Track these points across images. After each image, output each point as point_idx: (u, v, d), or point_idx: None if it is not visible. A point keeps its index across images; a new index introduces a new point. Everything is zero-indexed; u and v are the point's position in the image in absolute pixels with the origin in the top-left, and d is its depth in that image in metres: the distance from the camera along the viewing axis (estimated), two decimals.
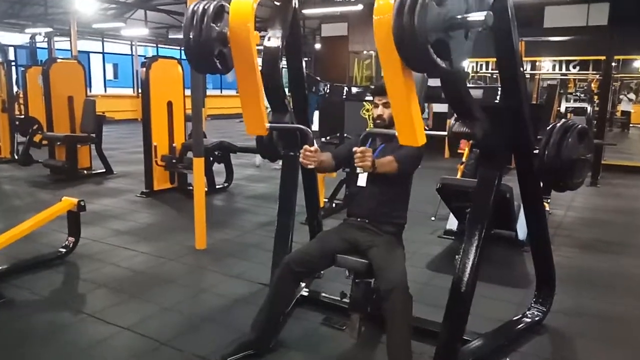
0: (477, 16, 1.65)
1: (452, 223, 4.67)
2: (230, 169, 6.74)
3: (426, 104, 8.39)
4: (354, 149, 2.23)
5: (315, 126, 11.45)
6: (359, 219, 2.60)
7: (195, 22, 2.06)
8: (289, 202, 2.98)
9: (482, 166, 2.50)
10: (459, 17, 1.67)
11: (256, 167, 8.31)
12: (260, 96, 2.27)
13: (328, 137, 5.64)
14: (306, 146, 2.32)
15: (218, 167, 6.97)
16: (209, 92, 8.83)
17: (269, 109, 2.62)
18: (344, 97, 3.25)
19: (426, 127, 8.59)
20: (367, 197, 2.59)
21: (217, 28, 2.09)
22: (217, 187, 6.47)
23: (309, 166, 2.32)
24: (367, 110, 8.63)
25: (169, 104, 6.21)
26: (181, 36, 2.15)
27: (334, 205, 5.60)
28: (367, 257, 2.45)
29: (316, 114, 12.18)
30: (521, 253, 4.24)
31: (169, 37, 17.77)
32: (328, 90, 3.39)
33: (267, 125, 2.37)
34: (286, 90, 2.78)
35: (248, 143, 8.65)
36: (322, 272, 3.41)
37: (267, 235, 4.49)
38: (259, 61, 2.31)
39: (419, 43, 1.63)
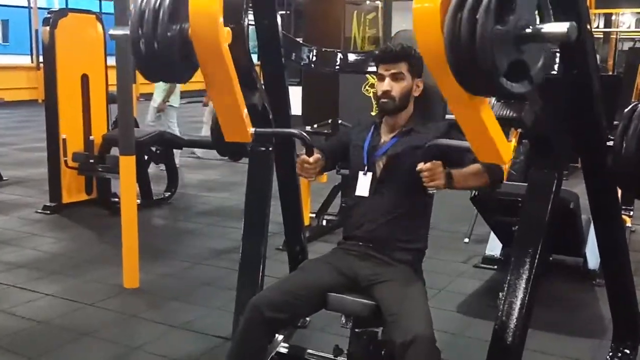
0: (556, 28, 1.70)
1: (494, 247, 4.73)
2: (174, 172, 6.77)
3: None
4: (419, 166, 2.32)
5: (295, 109, 11.50)
6: (360, 243, 2.62)
7: (147, 22, 2.11)
8: (259, 218, 2.98)
9: (534, 165, 2.53)
10: (530, 29, 1.71)
11: (198, 159, 8.32)
12: (237, 94, 2.36)
13: (315, 126, 5.67)
14: (304, 156, 2.43)
15: (157, 170, 7.00)
16: None
17: None
18: (337, 67, 3.29)
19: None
20: (371, 211, 2.60)
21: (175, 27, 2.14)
22: (156, 198, 6.49)
23: (308, 180, 2.42)
24: (372, 86, 8.68)
25: (84, 79, 6.22)
26: None
27: (324, 222, 5.64)
28: (372, 297, 2.46)
29: (298, 91, 12.26)
30: (592, 287, 4.30)
31: None
32: (314, 58, 3.42)
33: (251, 130, 2.46)
34: (255, 58, 2.81)
35: (199, 133, 8.72)
36: (307, 318, 3.43)
37: (227, 267, 4.50)
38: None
39: (487, 74, 1.67)
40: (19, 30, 21.39)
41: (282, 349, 3.10)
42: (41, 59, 6.28)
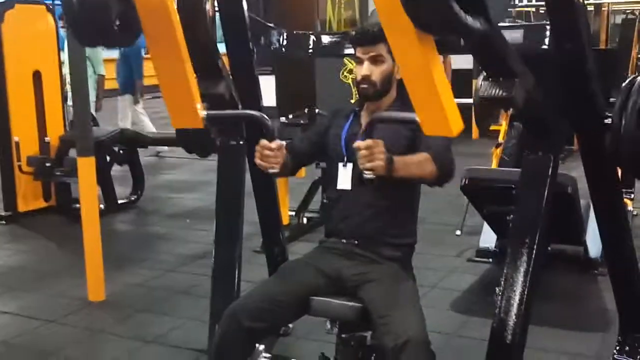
0: None
1: (488, 239, 4.73)
2: (139, 173, 6.71)
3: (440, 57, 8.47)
4: (355, 143, 2.23)
5: (269, 99, 11.44)
6: (344, 241, 2.59)
7: None
8: (232, 219, 2.96)
9: (528, 149, 2.51)
10: None
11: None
12: (186, 71, 2.28)
13: (290, 116, 5.63)
14: (264, 141, 2.32)
15: (121, 171, 6.90)
16: (105, 54, 8.77)
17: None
18: (310, 50, 3.25)
19: None
20: (354, 205, 2.58)
21: None
22: (120, 202, 6.43)
23: (270, 171, 2.34)
24: (351, 72, 8.64)
25: (37, 75, 6.14)
26: None
27: (304, 220, 5.60)
28: (359, 298, 2.44)
29: (271, 80, 12.18)
30: (594, 278, 4.32)
31: None
32: (284, 42, 3.38)
33: (203, 113, 2.36)
34: (220, 46, 2.76)
35: (166, 130, 8.66)
36: (290, 325, 3.39)
37: (201, 274, 4.44)
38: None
39: None
40: None
41: (264, 359, 3.07)
42: None
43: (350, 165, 2.58)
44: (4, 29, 5.89)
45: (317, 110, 5.61)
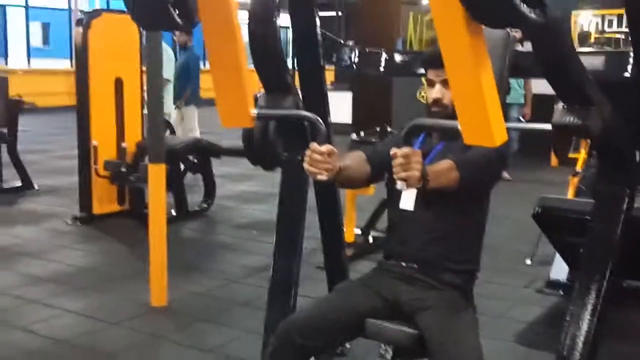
0: None
1: (560, 270, 4.58)
2: (211, 183, 6.81)
3: (518, 81, 8.28)
4: (392, 151, 2.14)
5: (345, 116, 11.49)
6: (403, 264, 2.55)
7: None
8: (292, 233, 2.95)
9: (602, 180, 2.42)
10: None
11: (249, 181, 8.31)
12: (241, 67, 2.25)
13: (362, 133, 5.61)
14: (314, 145, 2.22)
15: (193, 180, 7.03)
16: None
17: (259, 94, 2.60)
18: (382, 69, 3.22)
19: (521, 118, 8.54)
20: (416, 228, 2.53)
21: None
22: (191, 210, 6.52)
23: (319, 177, 2.23)
24: None
25: (118, 83, 6.31)
26: None
27: (370, 239, 5.54)
28: (415, 325, 2.39)
29: (347, 97, 12.24)
30: None
31: None
32: (356, 59, 3.36)
33: (254, 112, 2.34)
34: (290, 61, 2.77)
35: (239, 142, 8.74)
36: (347, 345, 3.35)
37: (263, 286, 4.29)
38: (242, 13, 2.30)
39: None
40: (60, 33, 22.08)
41: None
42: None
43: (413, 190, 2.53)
44: (90, 36, 6.07)
45: (389, 129, 5.56)
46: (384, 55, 3.28)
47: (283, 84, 2.66)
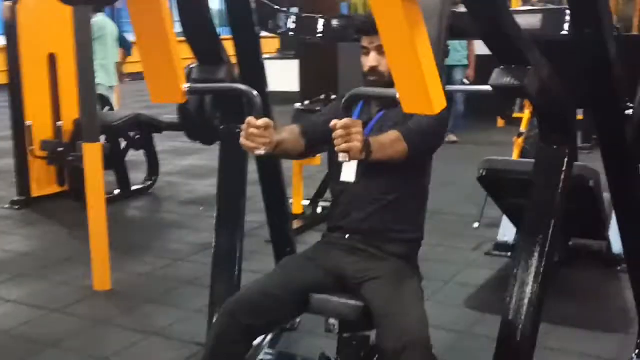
0: None
1: (507, 232, 4.61)
2: (154, 159, 6.69)
3: (461, 42, 8.29)
4: (332, 122, 2.09)
5: (292, 84, 11.37)
6: (346, 236, 2.52)
7: None
8: (233, 207, 2.93)
9: (542, 140, 2.41)
10: None
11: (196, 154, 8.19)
12: (169, 39, 2.14)
13: (307, 102, 5.53)
14: (250, 119, 2.17)
15: (136, 156, 6.88)
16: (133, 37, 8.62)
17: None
18: (319, 34, 3.14)
19: (465, 80, 8.57)
20: (358, 199, 2.50)
21: None
22: (134, 188, 6.41)
23: (256, 152, 2.18)
24: None
25: (52, 59, 6.10)
26: None
27: (319, 209, 5.52)
28: (361, 297, 2.37)
29: (294, 65, 12.08)
30: (617, 275, 4.20)
31: None
32: (293, 25, 3.28)
33: (185, 86, 2.24)
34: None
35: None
36: (297, 319, 3.32)
37: (209, 264, 4.32)
38: None
39: None
40: None
41: (266, 356, 3.02)
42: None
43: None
44: (20, 10, 5.84)
45: (333, 97, 5.50)
46: (321, 21, 3.21)
47: (215, 55, 2.58)
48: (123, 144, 6.49)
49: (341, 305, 2.38)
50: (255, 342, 2.75)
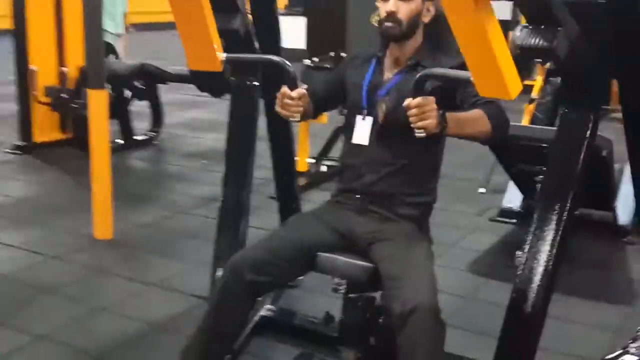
0: None
1: (513, 198, 4.59)
2: (158, 110, 6.60)
3: None
4: (406, 101, 2.08)
5: (299, 41, 11.22)
6: (357, 196, 2.47)
7: None
8: (242, 162, 2.86)
9: (566, 105, 2.33)
10: None
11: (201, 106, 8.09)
12: (204, 8, 2.20)
13: (316, 59, 5.43)
14: (284, 89, 2.25)
15: (141, 107, 6.78)
16: None
17: None
18: None
19: None
20: (371, 162, 2.45)
21: None
22: (137, 138, 6.34)
23: (291, 119, 2.32)
24: None
25: (58, 2, 5.98)
26: None
27: (324, 168, 5.46)
28: (369, 257, 2.34)
29: (302, 21, 11.90)
30: (623, 246, 4.18)
31: None
32: None
33: (222, 56, 2.28)
34: None
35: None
36: (300, 278, 3.29)
37: (212, 217, 4.23)
38: None
39: None
40: None
41: (267, 312, 3.00)
42: None
43: (369, 119, 2.46)
44: None
45: (342, 55, 5.40)
46: None
47: (229, 2, 2.50)
48: (127, 93, 6.40)
49: (349, 265, 2.35)
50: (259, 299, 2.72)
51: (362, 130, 2.45)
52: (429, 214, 2.51)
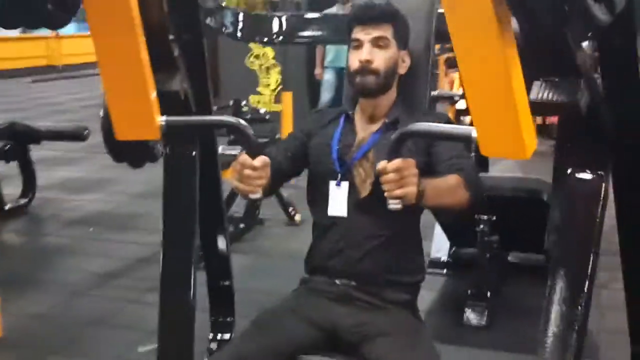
0: None
1: (440, 247, 4.36)
2: (29, 172, 5.88)
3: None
4: (379, 165, 1.73)
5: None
6: (337, 281, 2.11)
7: None
8: (185, 240, 2.42)
9: (574, 165, 2.08)
10: None
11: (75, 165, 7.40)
12: (142, 62, 1.83)
13: (215, 108, 5.00)
14: (244, 157, 1.82)
15: (8, 169, 5.99)
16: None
17: None
18: (275, 36, 2.66)
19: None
20: (351, 235, 2.11)
21: None
22: (7, 207, 5.61)
23: (252, 196, 1.87)
24: (257, 57, 8.00)
25: None
26: None
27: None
28: (363, 357, 2.00)
29: None
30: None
31: None
32: (240, 25, 2.78)
33: (161, 120, 1.89)
34: None
35: (59, 123, 7.71)
36: None
37: (118, 297, 3.88)
38: None
39: None
40: None
41: None
42: None
43: (345, 185, 2.11)
44: None
45: (243, 103, 5.01)
46: (277, 20, 2.72)
47: (169, 59, 2.10)
48: None
49: None
50: None
51: (339, 199, 2.12)
52: (418, 295, 2.19)
